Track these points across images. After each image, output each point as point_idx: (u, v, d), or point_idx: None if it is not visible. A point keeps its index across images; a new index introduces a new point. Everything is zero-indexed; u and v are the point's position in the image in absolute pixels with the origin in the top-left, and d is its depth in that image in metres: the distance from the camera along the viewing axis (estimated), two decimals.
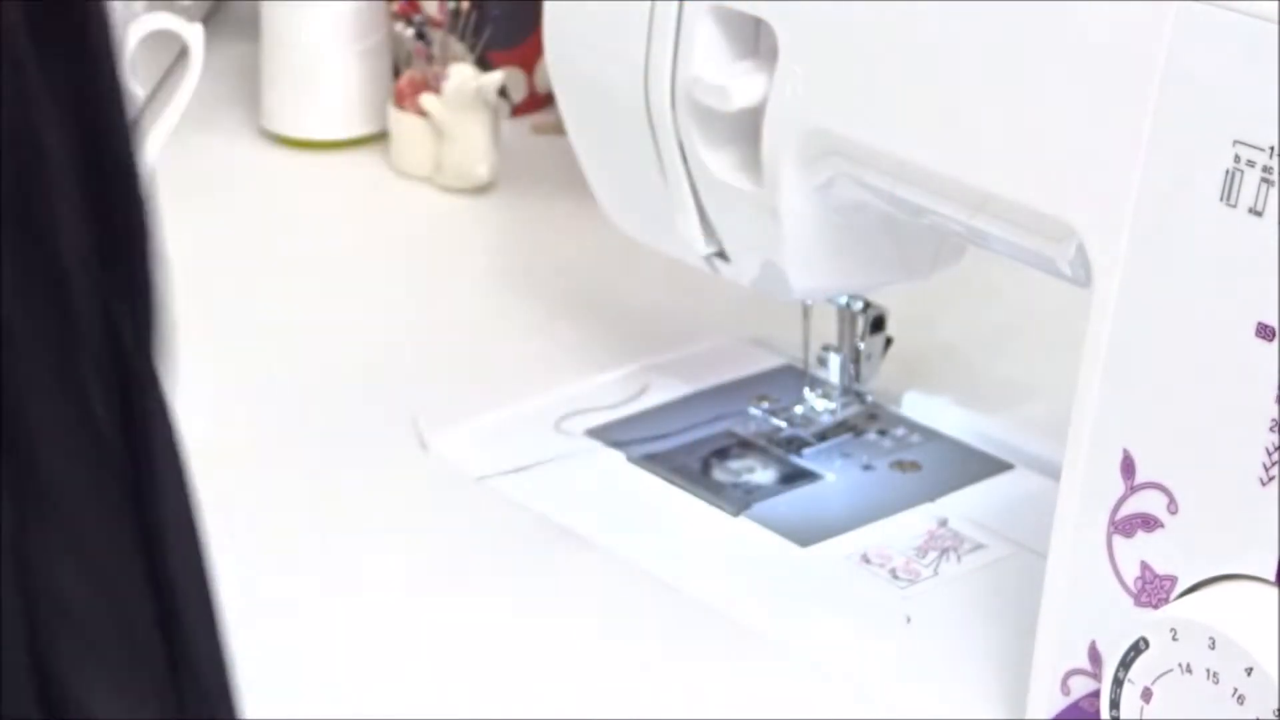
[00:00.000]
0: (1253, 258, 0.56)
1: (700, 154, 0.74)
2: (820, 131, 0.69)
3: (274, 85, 1.15)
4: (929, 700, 0.67)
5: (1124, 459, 0.60)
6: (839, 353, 0.83)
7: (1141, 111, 0.59)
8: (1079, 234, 0.61)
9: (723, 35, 0.73)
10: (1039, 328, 0.91)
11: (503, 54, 1.16)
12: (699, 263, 0.80)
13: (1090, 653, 0.62)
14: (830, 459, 0.82)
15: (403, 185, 1.11)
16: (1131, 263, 0.60)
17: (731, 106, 0.71)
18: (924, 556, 0.75)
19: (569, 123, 0.83)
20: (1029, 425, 0.83)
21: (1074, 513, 0.62)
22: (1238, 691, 0.57)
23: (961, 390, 0.86)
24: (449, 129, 1.08)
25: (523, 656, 0.69)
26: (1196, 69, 0.57)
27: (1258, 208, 0.56)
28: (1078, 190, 0.61)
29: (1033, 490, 0.79)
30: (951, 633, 0.71)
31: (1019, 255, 0.68)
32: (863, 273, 0.77)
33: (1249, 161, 0.56)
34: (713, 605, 0.72)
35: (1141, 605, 0.61)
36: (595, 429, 0.83)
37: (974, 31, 0.63)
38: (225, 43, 1.28)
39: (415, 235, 1.03)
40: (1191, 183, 0.58)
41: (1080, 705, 0.63)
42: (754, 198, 0.73)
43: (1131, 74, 0.59)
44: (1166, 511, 0.60)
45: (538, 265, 0.98)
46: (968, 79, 0.64)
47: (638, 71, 0.75)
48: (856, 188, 0.71)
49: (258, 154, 1.15)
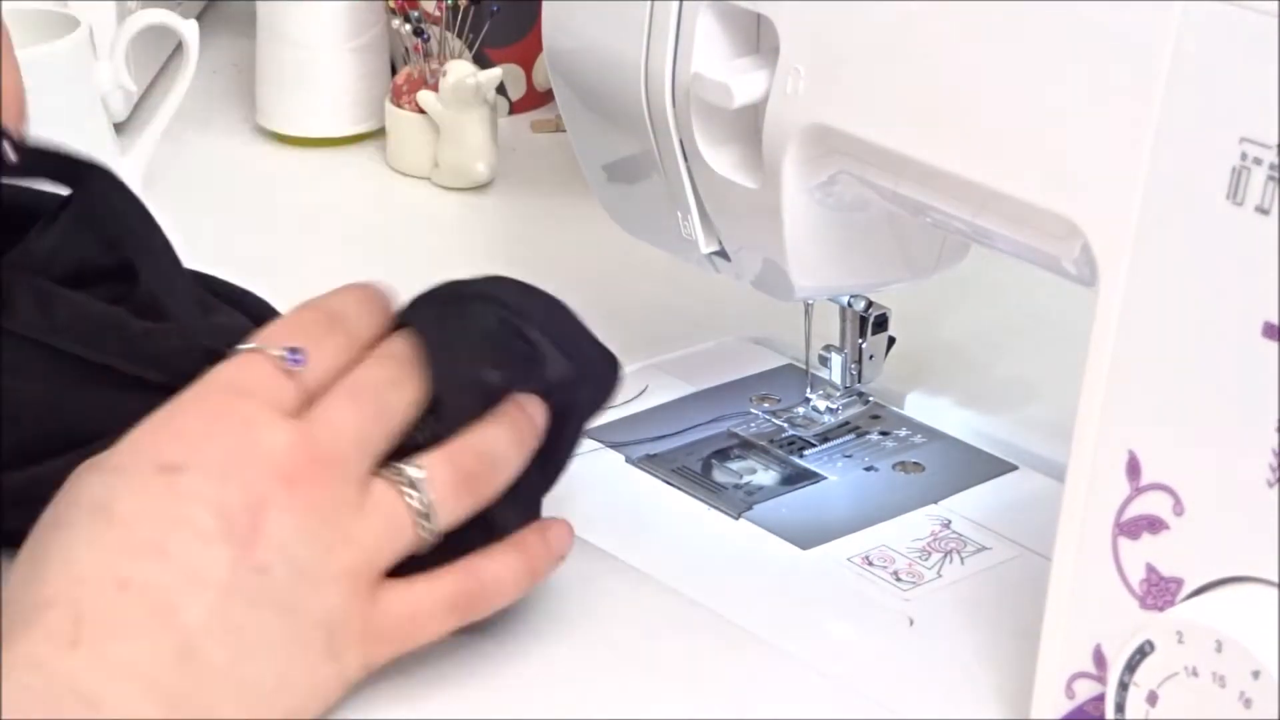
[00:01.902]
0: (1259, 256, 0.56)
1: (701, 152, 0.74)
2: (822, 129, 0.69)
3: (270, 82, 1.14)
4: (932, 703, 0.67)
5: (1129, 460, 0.60)
6: (841, 353, 0.83)
7: (1147, 109, 0.58)
8: (1084, 232, 0.61)
9: (723, 32, 0.73)
10: (1043, 327, 0.91)
11: (501, 51, 1.15)
12: (699, 262, 0.80)
13: (1095, 656, 0.62)
14: (832, 460, 0.81)
15: (400, 183, 1.11)
16: (1137, 261, 0.59)
17: (732, 104, 0.70)
18: (927, 558, 0.75)
19: (568, 120, 0.82)
20: (1033, 426, 0.82)
21: (1079, 514, 0.62)
22: (1244, 695, 0.56)
23: (965, 391, 0.86)
24: (447, 126, 1.08)
25: (523, 658, 0.69)
26: (1203, 66, 0.57)
27: (1264, 205, 0.56)
28: (1082, 188, 0.60)
29: (1037, 491, 0.79)
30: (955, 635, 0.70)
31: (1023, 254, 0.67)
32: (865, 272, 0.77)
33: (1255, 159, 0.56)
34: (713, 607, 0.72)
35: (1147, 608, 0.60)
36: (594, 429, 0.82)
37: (978, 28, 0.63)
38: (221, 39, 1.28)
39: (413, 233, 1.03)
40: (1197, 180, 0.57)
41: (1085, 708, 0.62)
42: (755, 196, 0.73)
43: (1137, 71, 0.58)
44: (1172, 513, 0.59)
45: (536, 263, 0.97)
46: (971, 75, 0.63)
47: (637, 68, 0.75)
48: (859, 186, 0.70)
49: (254, 151, 1.15)
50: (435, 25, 1.10)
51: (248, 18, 1.19)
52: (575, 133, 0.82)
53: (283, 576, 0.62)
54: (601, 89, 0.77)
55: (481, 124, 1.07)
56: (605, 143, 0.80)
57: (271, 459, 0.63)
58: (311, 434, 0.64)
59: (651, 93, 0.75)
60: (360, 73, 1.14)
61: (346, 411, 0.65)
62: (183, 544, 0.61)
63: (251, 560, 0.61)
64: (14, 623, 0.59)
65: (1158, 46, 0.58)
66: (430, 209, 1.07)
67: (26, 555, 0.62)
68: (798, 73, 0.69)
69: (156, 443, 0.63)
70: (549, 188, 1.09)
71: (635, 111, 0.76)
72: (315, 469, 0.63)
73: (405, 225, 1.05)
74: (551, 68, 0.81)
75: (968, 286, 0.88)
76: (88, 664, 0.58)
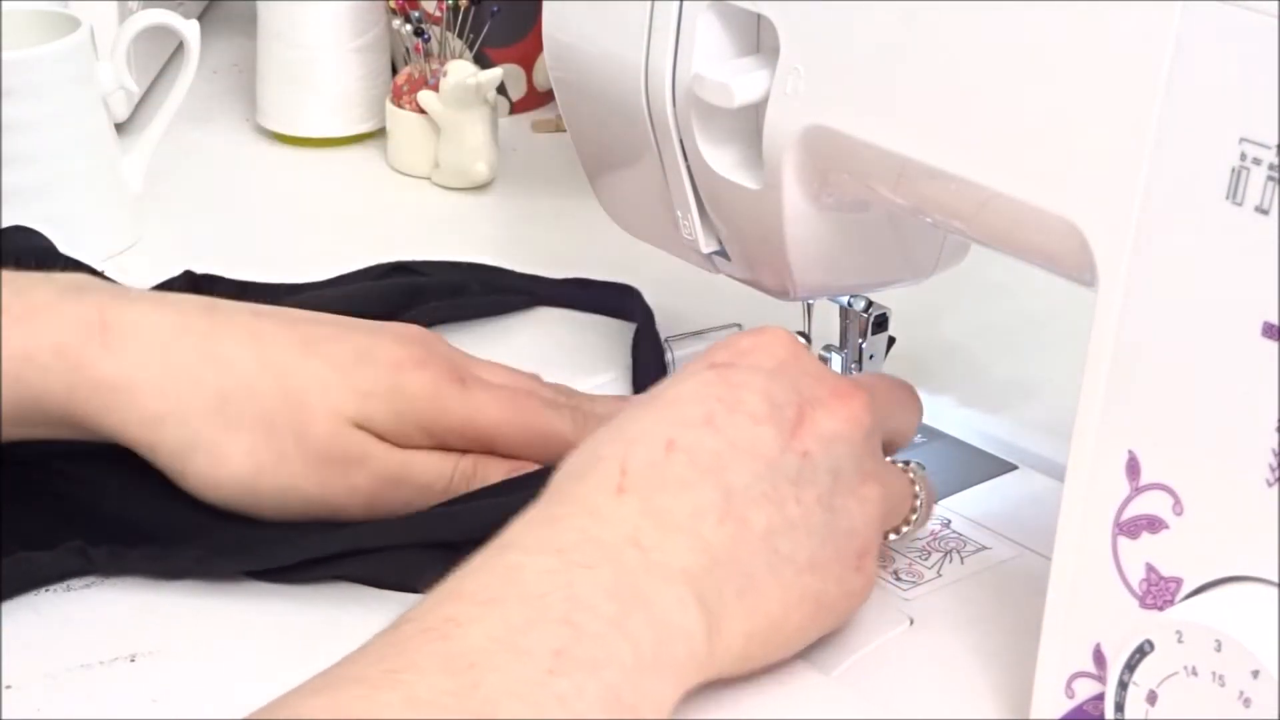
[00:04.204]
0: (1259, 256, 0.56)
1: (701, 151, 0.74)
2: (822, 129, 0.68)
3: (270, 82, 1.14)
4: (932, 703, 0.67)
5: (1129, 460, 0.60)
6: (841, 352, 0.83)
7: (1147, 109, 0.58)
8: (1083, 232, 0.61)
9: (723, 31, 0.73)
10: (1043, 327, 0.91)
11: (501, 51, 1.15)
12: (699, 261, 0.79)
13: (1095, 655, 0.62)
14: None
15: (401, 183, 1.11)
16: (1136, 261, 0.59)
17: (733, 103, 0.70)
18: (927, 558, 0.75)
19: (568, 120, 0.82)
20: (1033, 426, 0.82)
21: (1078, 514, 0.62)
22: (1243, 694, 0.56)
23: (965, 390, 0.86)
24: (447, 126, 1.08)
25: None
26: (1203, 66, 0.57)
27: (1264, 206, 0.56)
28: (1082, 188, 0.60)
29: (1037, 491, 0.79)
30: (954, 635, 0.70)
31: (1023, 254, 0.67)
32: (865, 272, 0.77)
33: (1255, 159, 0.56)
34: None
35: (1147, 607, 0.60)
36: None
37: (978, 27, 0.63)
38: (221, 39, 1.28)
39: (413, 233, 1.03)
40: (1197, 181, 0.57)
41: (1085, 708, 0.62)
42: (755, 196, 0.73)
43: (1137, 71, 0.58)
44: (1172, 513, 0.59)
45: (537, 263, 0.97)
46: (971, 75, 0.63)
47: (638, 68, 0.75)
48: (859, 186, 0.70)
49: (254, 151, 1.14)
50: (436, 25, 1.10)
51: (248, 18, 1.19)
52: (575, 133, 0.82)
53: (824, 470, 0.65)
54: (602, 89, 0.77)
55: (482, 124, 1.07)
56: (605, 143, 0.80)
57: (819, 374, 0.67)
58: (850, 378, 0.71)
59: (652, 93, 0.75)
60: (361, 73, 1.14)
61: (881, 384, 0.72)
62: (731, 419, 0.64)
63: (797, 445, 0.64)
64: (569, 476, 0.63)
65: (1158, 46, 0.58)
66: (430, 209, 1.07)
67: (586, 441, 0.65)
68: (798, 73, 0.69)
69: (708, 354, 0.67)
70: (549, 188, 1.09)
71: (635, 111, 0.76)
72: (859, 396, 0.66)
73: (405, 225, 1.05)
74: (552, 68, 0.81)
75: (968, 286, 0.88)
76: (636, 510, 0.61)
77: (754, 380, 0.65)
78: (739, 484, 0.63)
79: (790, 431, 0.64)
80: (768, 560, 0.63)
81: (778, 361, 0.66)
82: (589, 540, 0.60)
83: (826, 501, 0.64)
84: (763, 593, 0.63)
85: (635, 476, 0.62)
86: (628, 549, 0.60)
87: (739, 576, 0.62)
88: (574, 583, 0.59)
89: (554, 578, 0.59)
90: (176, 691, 0.67)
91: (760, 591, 0.63)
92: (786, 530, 0.63)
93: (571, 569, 0.59)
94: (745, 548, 0.62)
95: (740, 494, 0.63)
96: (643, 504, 0.61)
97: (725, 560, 0.62)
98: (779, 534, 0.63)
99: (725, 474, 0.63)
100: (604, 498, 0.62)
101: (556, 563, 0.59)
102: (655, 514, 0.61)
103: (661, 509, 0.62)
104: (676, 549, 0.61)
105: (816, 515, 0.64)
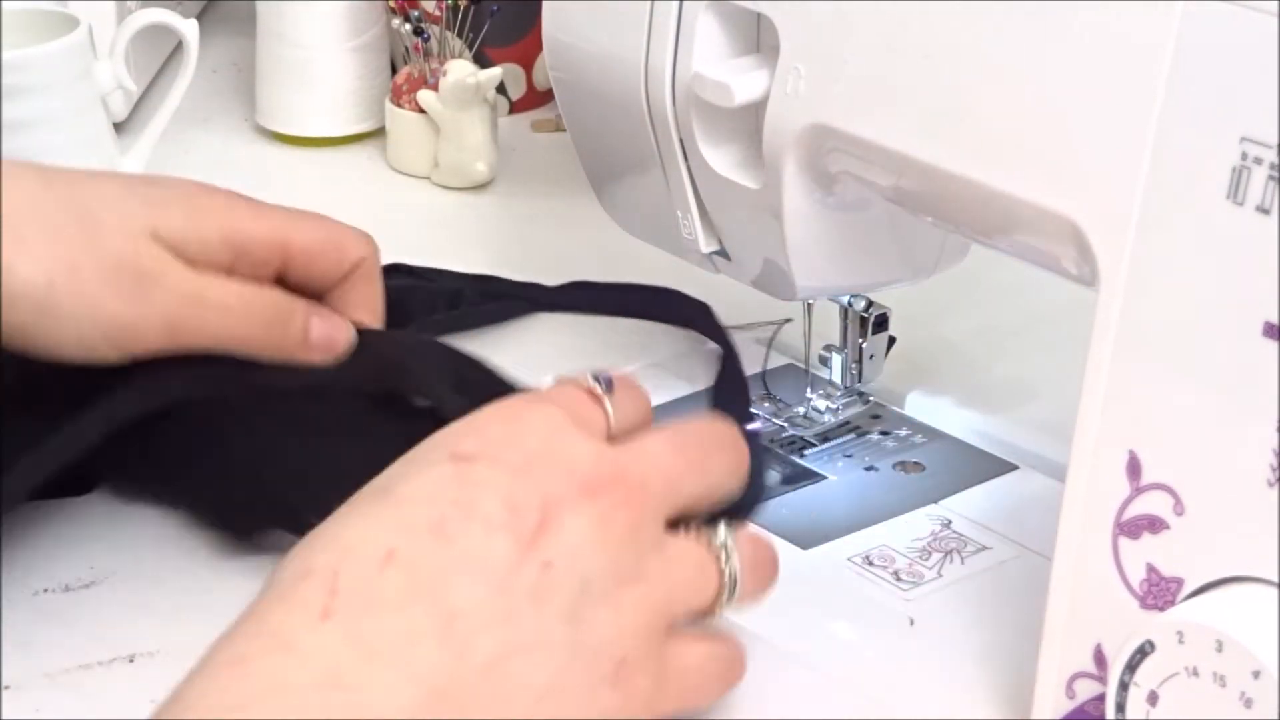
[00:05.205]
0: (1260, 256, 0.56)
1: (701, 151, 0.74)
2: (822, 128, 0.68)
3: (270, 81, 1.14)
4: (932, 703, 0.67)
5: (1130, 460, 0.60)
6: (841, 352, 0.83)
7: (1148, 108, 0.58)
8: (1084, 232, 0.61)
9: (723, 31, 0.73)
10: (1044, 327, 0.91)
11: (501, 50, 1.15)
12: (699, 262, 0.79)
13: (1095, 655, 0.62)
14: (832, 460, 0.81)
15: (400, 182, 1.10)
16: (1137, 261, 0.59)
17: (733, 103, 0.70)
18: (927, 558, 0.75)
19: (568, 120, 0.82)
20: (1034, 426, 0.82)
21: (1079, 514, 0.61)
22: (1244, 695, 0.56)
23: (965, 390, 0.86)
24: (447, 126, 1.08)
25: None
26: (1203, 65, 0.57)
27: (1265, 205, 0.56)
28: (1083, 188, 0.60)
29: (1037, 491, 0.79)
30: (955, 635, 0.70)
31: (1023, 254, 0.67)
32: (865, 271, 0.77)
33: (1256, 159, 0.56)
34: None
35: (1147, 608, 0.60)
36: None
37: (978, 27, 0.63)
38: (221, 38, 1.28)
39: (413, 233, 1.03)
40: (1198, 180, 0.57)
41: (1085, 708, 0.62)
42: (755, 196, 0.73)
43: (1137, 70, 0.58)
44: (1173, 513, 0.59)
45: (536, 263, 0.97)
46: (972, 75, 0.63)
47: (638, 68, 0.75)
48: (859, 185, 0.70)
49: (254, 151, 1.14)
50: (435, 25, 1.10)
51: (248, 17, 1.19)
52: (575, 132, 0.82)
53: (568, 582, 0.57)
54: (602, 88, 0.77)
55: (481, 124, 1.07)
56: (605, 143, 0.80)
57: (573, 466, 0.59)
58: (619, 457, 0.60)
59: (652, 92, 0.75)
60: (360, 72, 1.13)
61: (664, 450, 0.61)
62: (464, 527, 0.56)
63: (536, 555, 0.56)
64: (273, 590, 0.55)
65: (1158, 46, 0.57)
66: (430, 209, 1.07)
67: (303, 539, 0.57)
68: (798, 72, 0.69)
69: (454, 437, 0.60)
70: (549, 188, 1.08)
71: (635, 111, 0.76)
72: (618, 488, 0.59)
73: (405, 225, 1.05)
74: (552, 67, 0.81)
75: (968, 286, 0.88)
76: (339, 640, 0.54)
77: (495, 479, 0.57)
78: (465, 604, 0.55)
79: (529, 541, 0.56)
80: (496, 689, 0.55)
81: (527, 455, 0.58)
82: (278, 688, 0.52)
83: (572, 614, 0.57)
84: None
85: (345, 597, 0.54)
86: (328, 693, 0.52)
87: (460, 710, 0.54)
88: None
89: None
90: None
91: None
92: (521, 653, 0.55)
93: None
94: (470, 678, 0.55)
95: (466, 616, 0.55)
96: (348, 632, 0.53)
97: (444, 694, 0.54)
98: (512, 657, 0.55)
99: (449, 593, 0.55)
100: (304, 626, 0.53)
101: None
102: (362, 643, 0.53)
103: (370, 636, 0.54)
104: (385, 685, 0.53)
105: (559, 632, 0.56)
